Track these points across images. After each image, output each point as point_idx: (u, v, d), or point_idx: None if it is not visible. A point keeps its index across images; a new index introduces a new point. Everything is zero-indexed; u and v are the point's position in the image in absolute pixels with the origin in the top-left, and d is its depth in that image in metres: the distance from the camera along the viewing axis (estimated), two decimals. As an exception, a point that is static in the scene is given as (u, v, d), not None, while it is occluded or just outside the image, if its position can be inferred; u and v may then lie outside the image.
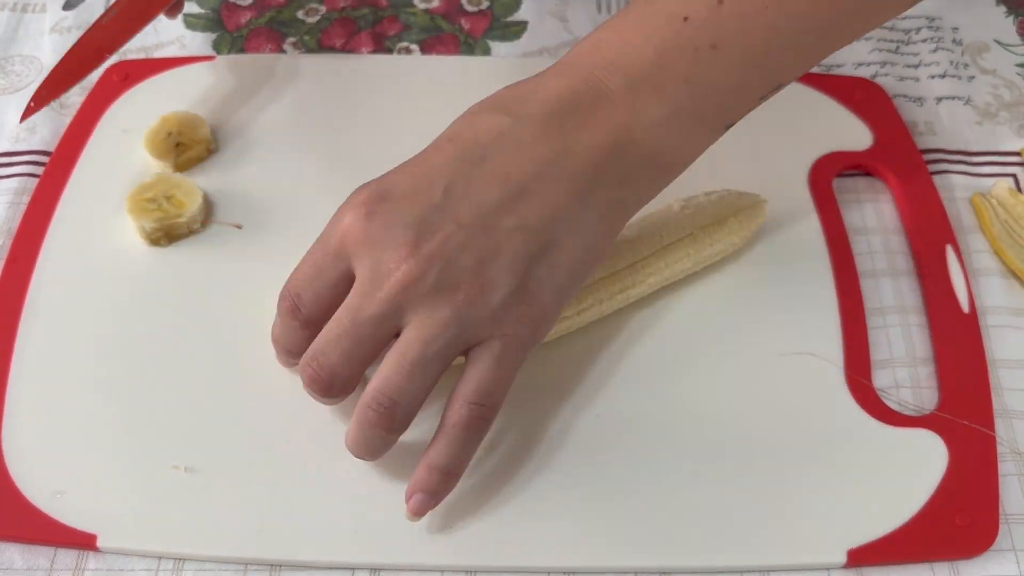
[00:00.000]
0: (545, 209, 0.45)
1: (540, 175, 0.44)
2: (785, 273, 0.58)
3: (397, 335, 0.45)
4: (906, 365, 0.56)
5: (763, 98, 0.48)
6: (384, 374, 0.45)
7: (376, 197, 0.45)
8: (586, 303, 0.52)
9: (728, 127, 0.48)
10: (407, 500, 0.47)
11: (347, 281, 0.46)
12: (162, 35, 0.72)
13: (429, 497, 0.46)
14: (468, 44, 0.72)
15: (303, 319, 0.47)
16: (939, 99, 0.69)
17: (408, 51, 0.71)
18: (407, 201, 0.45)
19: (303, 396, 0.52)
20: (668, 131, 0.46)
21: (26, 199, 0.61)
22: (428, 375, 0.45)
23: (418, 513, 0.47)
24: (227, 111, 0.63)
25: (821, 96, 0.67)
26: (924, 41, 0.72)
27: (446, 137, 0.47)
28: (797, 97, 0.67)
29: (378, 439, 0.46)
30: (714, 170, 0.61)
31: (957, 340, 0.56)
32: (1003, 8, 0.74)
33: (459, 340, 0.45)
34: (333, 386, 0.46)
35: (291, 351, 0.49)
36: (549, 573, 0.49)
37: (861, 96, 0.67)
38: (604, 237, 0.47)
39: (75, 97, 0.67)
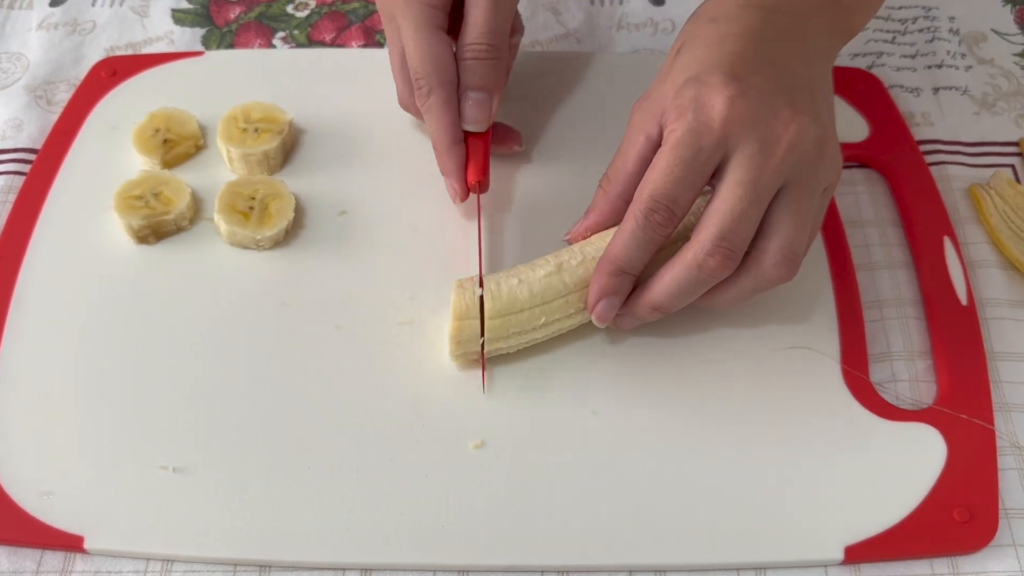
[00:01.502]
0: (821, 75, 0.50)
1: (802, 51, 0.50)
2: (781, 266, 0.57)
3: None
4: (903, 358, 0.55)
5: None
6: (786, 233, 0.47)
7: (732, 78, 0.47)
8: (578, 306, 0.52)
9: None
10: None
11: (712, 173, 0.47)
12: (150, 31, 0.71)
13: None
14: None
15: (676, 224, 0.48)
16: (936, 89, 0.68)
17: (399, 45, 0.71)
18: (758, 73, 0.47)
19: (293, 396, 0.52)
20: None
21: (13, 197, 0.61)
22: (815, 221, 0.49)
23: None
24: (216, 107, 0.62)
25: (817, 87, 0.66)
26: (921, 31, 0.72)
27: (719, 33, 0.49)
28: (792, 88, 0.66)
29: (706, 279, 0.48)
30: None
31: (955, 333, 0.55)
32: (1000, -3, 0.74)
33: (825, 187, 0.48)
34: (739, 261, 0.47)
35: (636, 270, 0.49)
36: (543, 572, 0.48)
37: (858, 87, 0.66)
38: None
39: (62, 93, 0.66)
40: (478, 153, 0.56)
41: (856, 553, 0.48)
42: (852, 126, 0.64)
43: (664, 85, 0.49)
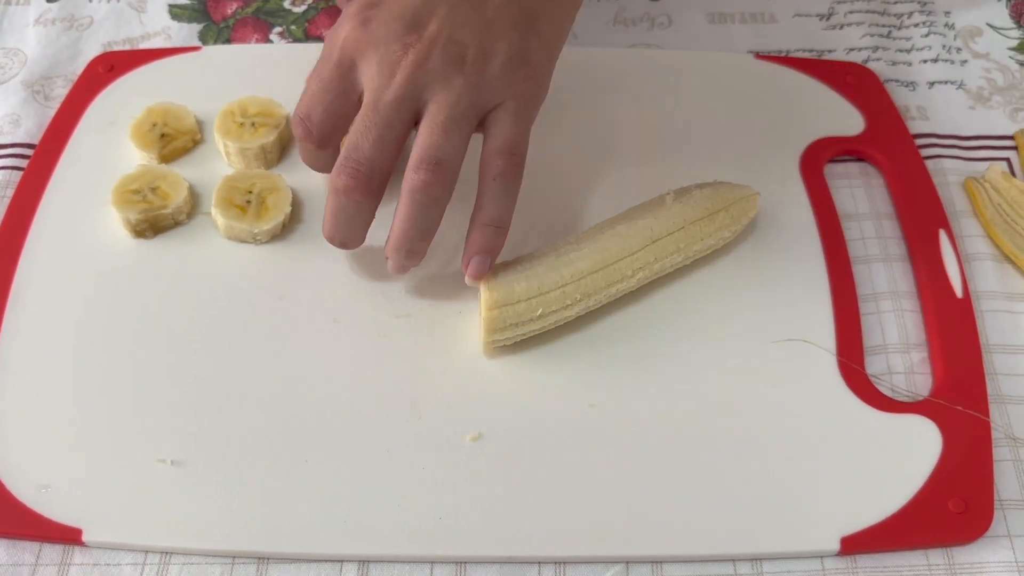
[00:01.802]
0: None
1: None
2: (777, 259, 0.58)
3: (416, 124, 0.49)
4: (899, 351, 0.55)
5: None
6: (423, 141, 0.48)
7: (366, 4, 0.49)
8: (575, 297, 0.52)
9: None
10: (464, 268, 0.51)
11: (354, 92, 0.50)
12: (148, 26, 0.71)
13: (486, 255, 0.50)
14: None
15: (317, 138, 0.51)
16: (931, 83, 0.68)
17: (396, 40, 0.71)
18: (390, 10, 0.49)
19: (291, 389, 0.52)
20: None
21: (10, 192, 0.61)
22: (462, 133, 0.49)
23: (478, 276, 0.51)
24: (213, 102, 0.62)
25: (813, 81, 0.67)
26: (916, 25, 0.72)
27: None
28: (789, 82, 0.66)
29: (431, 200, 0.49)
30: (706, 156, 0.61)
31: (951, 325, 0.55)
32: (996, -8, 0.74)
33: (477, 104, 0.49)
34: (372, 177, 0.49)
35: (319, 166, 0.53)
36: (540, 563, 0.48)
37: (853, 81, 0.67)
38: (575, 3, 0.52)
39: (60, 89, 0.67)
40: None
41: (852, 544, 0.48)
42: (847, 120, 0.64)
43: None
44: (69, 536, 0.48)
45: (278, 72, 0.66)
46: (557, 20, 0.51)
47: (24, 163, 0.62)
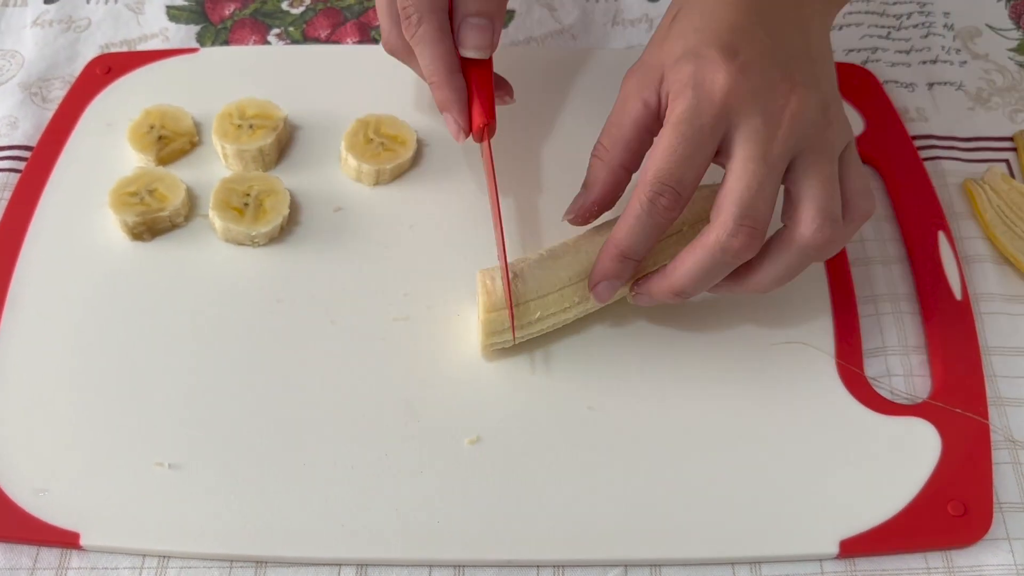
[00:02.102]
0: (818, 38, 0.50)
1: (798, 16, 0.49)
2: (776, 261, 0.57)
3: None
4: (898, 353, 0.55)
5: None
6: (815, 193, 0.46)
7: (729, 52, 0.46)
8: (572, 300, 0.52)
9: None
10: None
11: (715, 150, 0.47)
12: (145, 28, 0.71)
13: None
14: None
15: (682, 205, 0.47)
16: (931, 85, 0.68)
17: (394, 41, 0.71)
18: (754, 45, 0.47)
19: (288, 392, 0.52)
20: None
21: (8, 194, 0.61)
22: (837, 182, 0.47)
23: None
24: (211, 104, 0.62)
25: (811, 83, 0.66)
26: (915, 27, 0.72)
27: (704, 5, 0.49)
28: (787, 84, 0.66)
29: (733, 261, 0.47)
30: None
31: (950, 327, 0.55)
32: (995, -8, 0.74)
33: (839, 149, 0.48)
34: (763, 238, 0.47)
35: (641, 256, 0.49)
36: (539, 566, 0.48)
37: (852, 82, 0.66)
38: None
39: (57, 90, 0.66)
40: (482, 90, 0.52)
41: (851, 547, 0.48)
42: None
43: (660, 52, 0.49)
44: (67, 540, 0.48)
45: (276, 74, 0.66)
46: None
47: (21, 165, 0.62)
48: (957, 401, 0.52)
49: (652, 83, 0.48)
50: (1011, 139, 0.65)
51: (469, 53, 0.52)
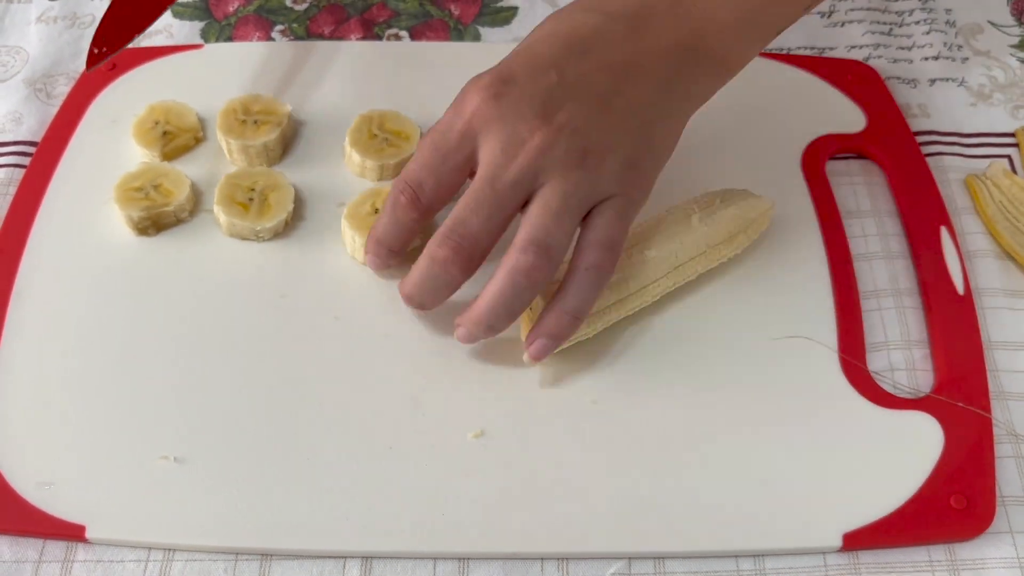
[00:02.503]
0: (643, 96, 0.50)
1: (635, 65, 0.49)
2: (778, 256, 0.58)
3: (523, 206, 0.49)
4: (901, 348, 0.55)
5: (807, 8, 0.54)
6: (531, 222, 0.48)
7: (499, 81, 0.49)
8: (596, 327, 0.52)
9: (778, 33, 0.53)
10: (528, 346, 0.50)
11: (468, 165, 0.49)
12: (149, 24, 0.71)
13: (553, 341, 0.50)
14: (458, 30, 0.71)
15: (424, 208, 0.50)
16: (932, 81, 0.68)
17: (398, 38, 0.71)
18: (529, 82, 0.48)
19: (293, 386, 0.52)
20: (734, 35, 0.51)
21: (13, 190, 0.61)
22: (572, 223, 0.48)
23: (540, 357, 0.50)
24: (215, 100, 0.62)
25: (814, 79, 0.67)
26: (917, 23, 0.72)
27: (546, 32, 0.50)
28: (790, 80, 0.67)
29: (531, 284, 0.48)
30: (707, 153, 0.61)
31: (952, 322, 0.55)
32: (997, -11, 0.74)
33: (590, 197, 0.49)
34: (474, 256, 0.49)
35: (394, 249, 0.52)
36: (543, 559, 0.48)
37: (854, 78, 0.67)
38: (681, 124, 0.52)
39: (62, 87, 0.67)
40: None
41: (854, 540, 0.48)
42: (849, 117, 0.65)
43: None
44: (72, 533, 0.48)
45: (280, 70, 0.66)
46: (668, 137, 0.51)
47: (26, 161, 0.63)
48: (960, 395, 0.52)
49: None
50: (1013, 135, 0.65)
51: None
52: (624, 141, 0.49)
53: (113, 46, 0.58)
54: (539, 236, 0.47)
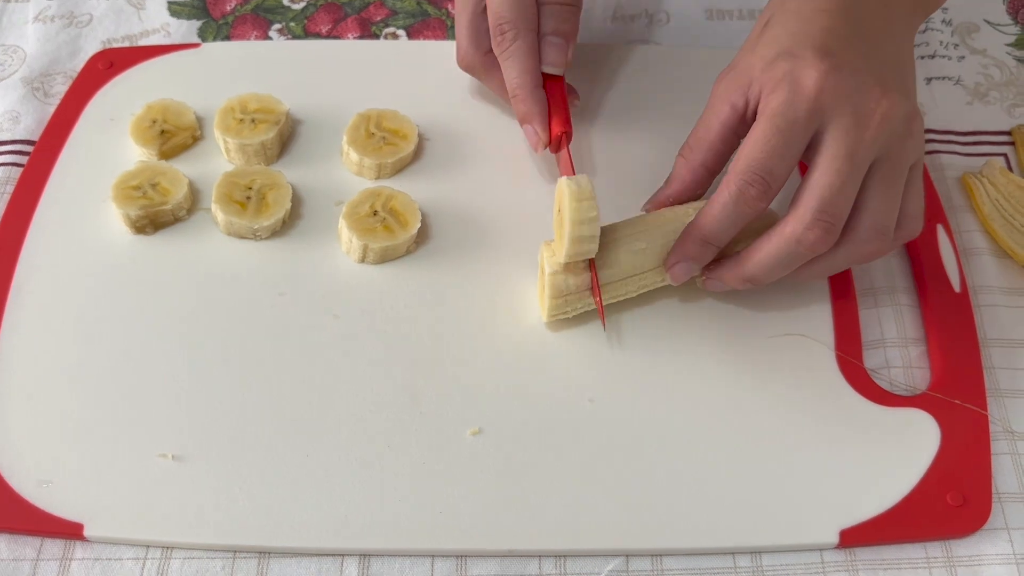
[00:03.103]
0: (906, 40, 0.51)
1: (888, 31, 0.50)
2: (775, 254, 0.58)
3: None
4: (897, 345, 0.55)
5: None
6: (873, 208, 0.47)
7: (824, 53, 0.47)
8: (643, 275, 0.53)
9: None
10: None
11: (806, 145, 0.47)
12: (147, 23, 0.71)
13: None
14: (455, 29, 0.71)
15: (771, 197, 0.48)
16: (929, 79, 0.68)
17: (395, 36, 0.71)
18: (849, 48, 0.48)
19: (291, 384, 0.52)
20: None
21: (10, 189, 0.61)
22: (898, 194, 0.48)
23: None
24: (213, 98, 0.62)
25: (811, 77, 0.67)
26: (914, 22, 0.72)
27: (809, 9, 0.49)
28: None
29: (809, 254, 0.48)
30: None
31: (948, 320, 0.55)
32: (993, -12, 0.74)
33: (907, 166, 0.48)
34: (838, 233, 0.47)
35: (721, 241, 0.50)
36: (540, 556, 0.48)
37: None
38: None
39: (59, 85, 0.67)
40: (558, 102, 0.57)
41: (851, 537, 0.48)
42: (846, 116, 0.65)
43: (751, 57, 0.50)
44: (70, 531, 0.48)
45: (278, 69, 0.66)
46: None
47: (24, 160, 0.62)
48: (956, 392, 0.52)
49: (741, 87, 0.49)
50: (1009, 133, 0.65)
51: (547, 69, 0.56)
52: (915, 95, 0.50)
53: None
54: (880, 223, 0.47)
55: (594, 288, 0.52)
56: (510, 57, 0.55)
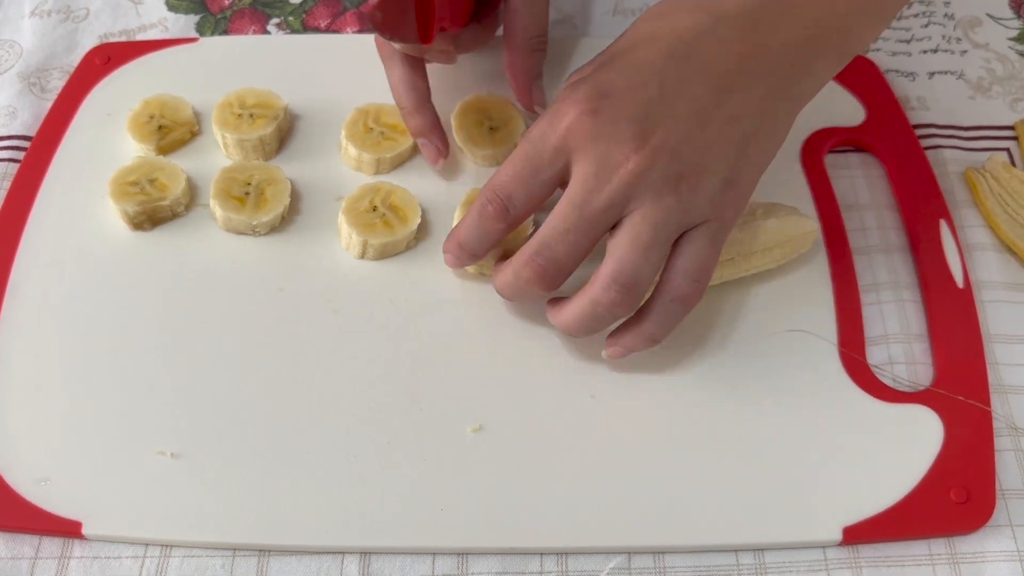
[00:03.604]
0: (748, 104, 0.46)
1: (741, 71, 0.46)
2: (778, 250, 0.57)
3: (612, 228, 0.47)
4: (900, 341, 0.55)
5: None
6: (619, 256, 0.46)
7: (596, 95, 0.46)
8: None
9: (901, 7, 0.51)
10: (607, 347, 0.50)
11: (559, 179, 0.47)
12: (144, 17, 0.71)
13: (627, 351, 0.50)
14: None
15: (511, 220, 0.49)
16: (931, 74, 0.68)
17: (394, 31, 0.70)
18: (627, 97, 0.46)
19: (290, 381, 0.52)
20: (856, 18, 0.48)
21: (7, 184, 0.60)
22: (660, 255, 0.47)
23: (614, 358, 0.51)
24: (211, 93, 0.62)
25: (812, 72, 0.66)
26: (916, 16, 0.72)
27: (646, 35, 0.47)
28: (788, 73, 0.66)
29: (610, 318, 0.48)
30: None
31: (952, 315, 0.55)
32: (995, -18, 0.74)
33: (682, 224, 0.46)
34: (558, 279, 0.48)
35: (476, 254, 0.51)
36: (541, 554, 0.48)
37: (853, 71, 0.66)
38: (787, 127, 0.49)
39: (56, 81, 0.66)
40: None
41: (854, 534, 0.48)
42: (848, 110, 0.64)
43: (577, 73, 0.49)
44: (69, 529, 0.48)
45: (276, 63, 0.65)
46: (768, 144, 0.48)
47: (21, 155, 0.62)
48: (959, 388, 0.52)
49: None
50: (1012, 128, 0.65)
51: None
52: (722, 159, 0.46)
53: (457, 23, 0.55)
54: (626, 273, 0.46)
55: None
56: (392, 68, 0.56)
